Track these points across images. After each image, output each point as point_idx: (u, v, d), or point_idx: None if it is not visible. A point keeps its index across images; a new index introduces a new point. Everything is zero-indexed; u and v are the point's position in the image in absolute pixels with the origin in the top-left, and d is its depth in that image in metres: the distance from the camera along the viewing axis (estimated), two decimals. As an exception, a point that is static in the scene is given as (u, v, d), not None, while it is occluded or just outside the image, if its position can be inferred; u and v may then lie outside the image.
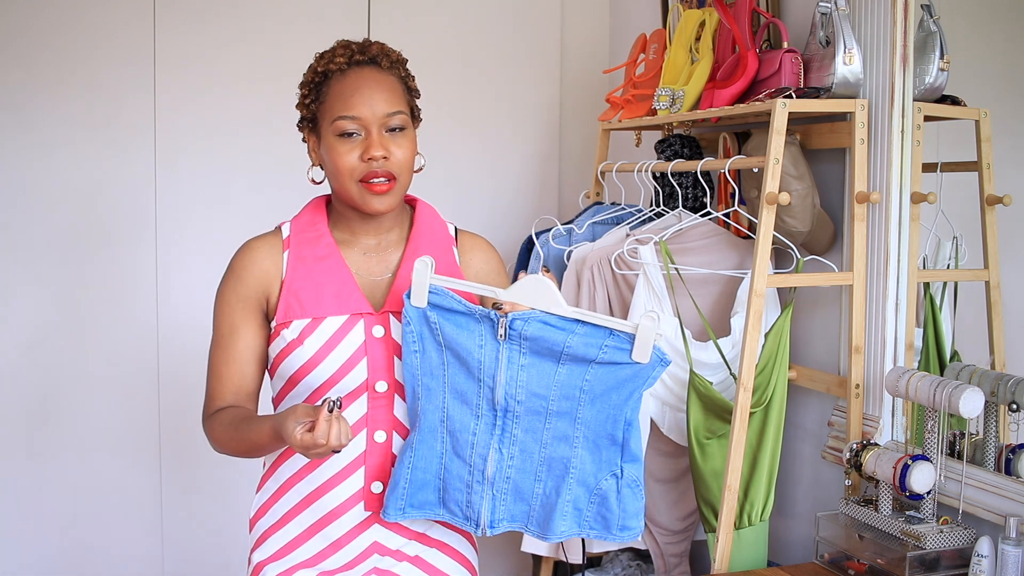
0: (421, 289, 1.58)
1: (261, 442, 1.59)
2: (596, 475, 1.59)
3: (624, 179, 2.77)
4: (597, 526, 1.60)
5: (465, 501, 1.60)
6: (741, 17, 2.32)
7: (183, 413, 2.90)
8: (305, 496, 1.67)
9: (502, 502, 1.60)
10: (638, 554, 2.74)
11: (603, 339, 1.55)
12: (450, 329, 1.58)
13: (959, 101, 2.08)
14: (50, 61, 2.76)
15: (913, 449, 2.02)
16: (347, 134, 1.62)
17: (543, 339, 1.56)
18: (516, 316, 1.55)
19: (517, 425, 1.59)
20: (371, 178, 1.62)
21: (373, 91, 1.63)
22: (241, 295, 1.67)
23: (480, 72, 3.18)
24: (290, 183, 2.92)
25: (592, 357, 1.55)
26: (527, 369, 1.57)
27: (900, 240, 2.09)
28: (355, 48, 1.67)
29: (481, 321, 1.58)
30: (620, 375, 1.56)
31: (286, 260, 1.68)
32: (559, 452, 1.59)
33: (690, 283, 2.35)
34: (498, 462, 1.59)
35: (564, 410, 1.58)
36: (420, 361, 1.60)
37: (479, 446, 1.59)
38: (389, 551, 1.68)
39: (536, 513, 1.61)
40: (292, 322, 1.64)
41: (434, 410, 1.60)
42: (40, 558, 2.84)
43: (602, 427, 1.58)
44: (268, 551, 1.70)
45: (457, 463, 1.60)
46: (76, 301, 2.84)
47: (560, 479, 1.59)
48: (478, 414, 1.59)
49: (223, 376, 1.67)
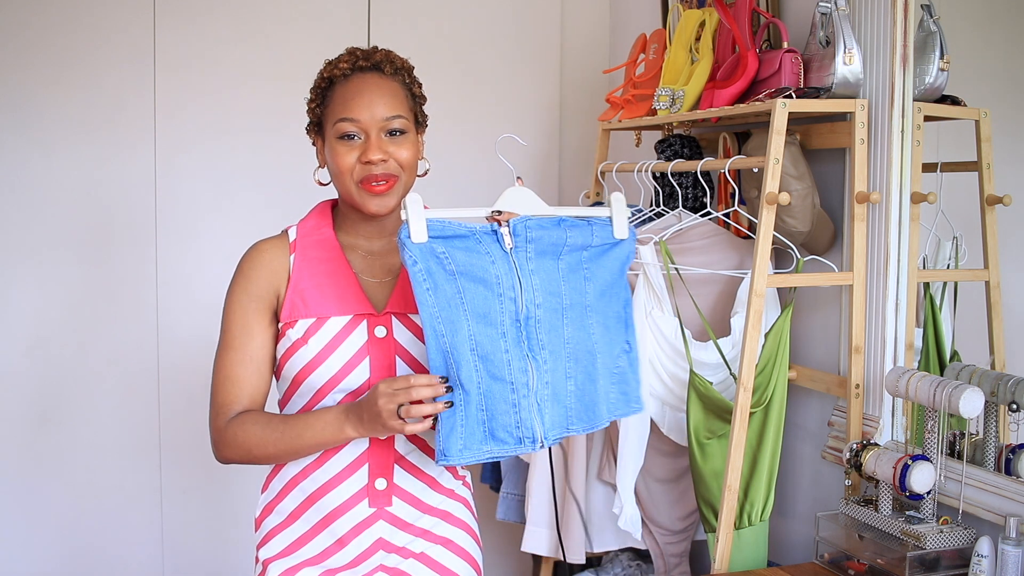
0: (419, 224, 1.55)
1: (320, 436, 1.59)
2: (614, 355, 1.67)
3: (624, 179, 2.77)
4: (621, 405, 1.69)
5: (514, 423, 1.56)
6: (741, 17, 2.32)
7: (183, 413, 2.90)
8: (310, 494, 1.68)
9: (546, 411, 1.59)
10: (638, 554, 2.74)
11: (589, 226, 1.66)
12: (460, 255, 1.56)
13: (959, 101, 2.08)
14: (50, 61, 2.76)
15: (913, 449, 2.02)
16: (347, 136, 1.65)
17: (545, 237, 1.62)
18: (516, 221, 1.60)
19: (540, 329, 1.60)
20: (370, 180, 1.64)
21: (373, 95, 1.66)
22: (253, 295, 1.68)
23: (480, 72, 3.18)
24: (290, 183, 2.93)
25: (588, 243, 1.65)
26: (536, 273, 1.61)
27: (900, 240, 2.09)
28: (360, 55, 1.70)
29: (483, 239, 1.59)
30: (610, 254, 1.68)
31: (293, 261, 1.69)
32: (581, 343, 1.63)
33: (690, 283, 2.35)
34: (537, 370, 1.58)
35: (575, 302, 1.64)
36: (435, 298, 1.55)
37: (515, 361, 1.57)
38: (395, 548, 1.69)
39: (574, 410, 1.63)
40: (297, 321, 1.66)
41: (463, 341, 1.55)
42: (40, 558, 2.84)
43: (609, 307, 1.67)
44: (275, 549, 1.70)
45: (497, 386, 1.56)
46: (76, 301, 2.84)
47: (590, 367, 1.64)
48: (503, 331, 1.57)
49: (239, 378, 1.67)
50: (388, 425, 1.52)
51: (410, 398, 1.50)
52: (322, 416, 1.60)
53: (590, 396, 1.64)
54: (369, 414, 1.53)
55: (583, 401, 1.63)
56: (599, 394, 1.65)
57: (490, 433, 1.56)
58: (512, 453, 1.59)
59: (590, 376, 1.64)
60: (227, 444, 1.66)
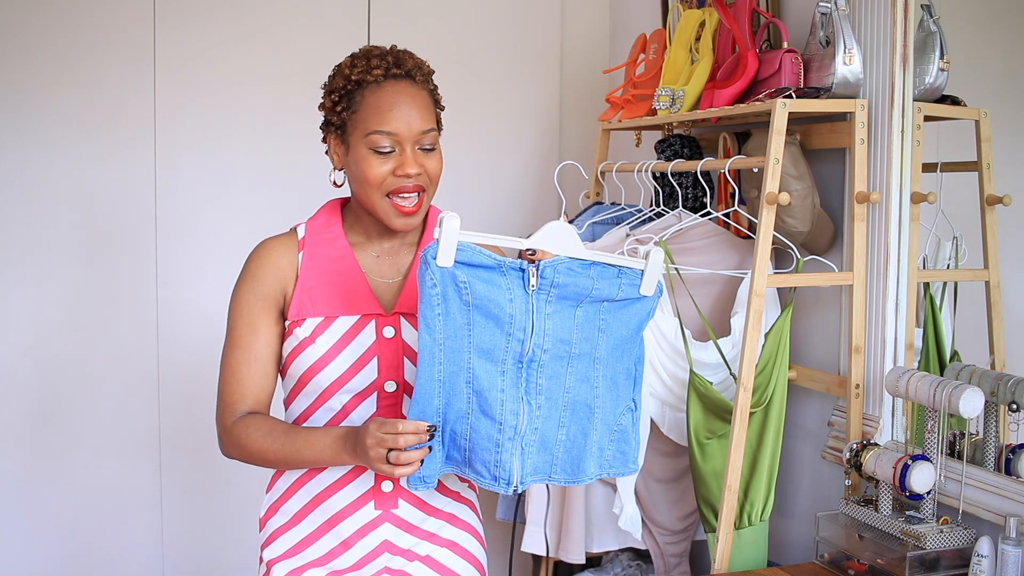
0: (449, 248, 1.50)
1: (318, 455, 1.59)
2: (616, 412, 1.63)
3: (624, 179, 2.76)
4: (617, 463, 1.64)
5: (494, 461, 1.55)
6: (741, 17, 2.32)
7: (183, 413, 2.90)
8: (315, 495, 1.68)
9: (529, 455, 1.57)
10: (638, 554, 2.74)
11: (617, 278, 1.59)
12: (480, 287, 1.53)
13: (959, 101, 2.08)
14: (50, 61, 2.76)
15: (913, 449, 2.02)
16: (381, 149, 1.62)
17: (572, 284, 1.57)
18: (547, 264, 1.55)
19: (541, 374, 1.57)
20: (401, 192, 1.63)
21: (410, 107, 1.62)
22: (259, 293, 1.67)
23: (480, 72, 3.18)
24: (290, 182, 2.93)
25: (612, 296, 1.59)
26: (552, 317, 1.57)
27: (900, 240, 2.09)
28: (391, 60, 1.65)
29: (508, 274, 1.55)
30: (630, 310, 1.61)
31: (301, 260, 1.68)
32: (581, 395, 1.60)
33: (690, 283, 2.35)
34: (528, 415, 1.56)
35: (585, 352, 1.60)
36: (443, 324, 1.53)
37: (508, 402, 1.56)
38: (400, 550, 1.69)
39: (560, 460, 1.60)
40: (305, 320, 1.65)
41: (459, 372, 1.55)
42: (40, 557, 2.84)
43: (619, 363, 1.62)
44: (279, 549, 1.70)
45: (485, 423, 1.55)
46: (76, 301, 2.84)
47: (585, 421, 1.60)
48: (503, 370, 1.56)
49: (244, 377, 1.66)
50: (377, 468, 1.52)
51: (398, 445, 1.49)
52: (322, 437, 1.60)
53: (579, 449, 1.61)
54: (360, 447, 1.53)
55: (571, 453, 1.61)
56: (589, 448, 1.61)
57: (468, 463, 1.57)
58: (486, 488, 1.59)
59: (583, 430, 1.61)
60: (231, 443, 1.66)
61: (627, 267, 1.60)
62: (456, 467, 1.59)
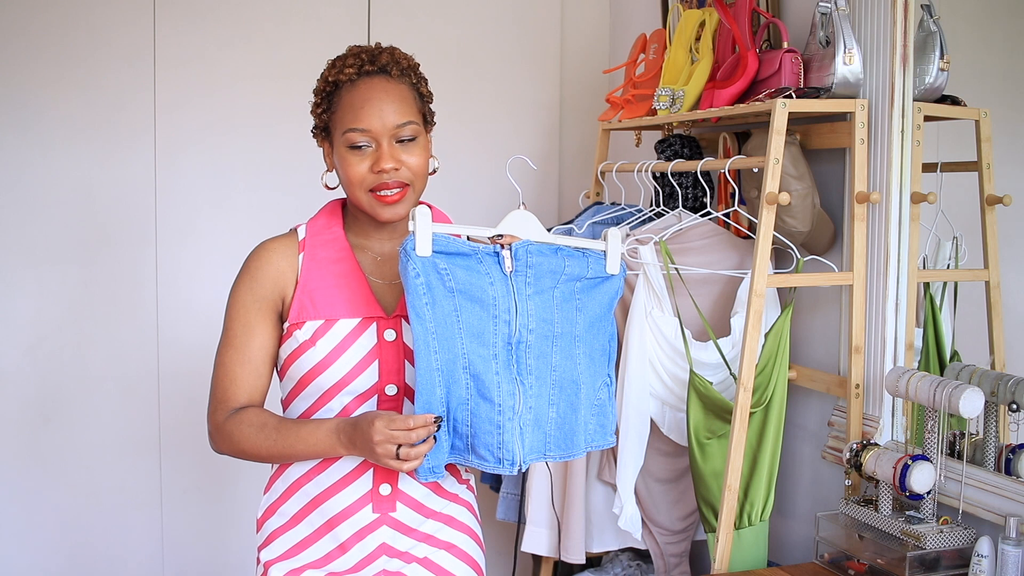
0: (425, 237, 1.56)
1: (312, 450, 1.60)
2: (595, 387, 1.69)
3: (624, 179, 2.76)
4: (598, 436, 1.71)
5: (496, 443, 1.59)
6: (741, 17, 2.32)
7: (183, 413, 2.90)
8: (314, 497, 1.67)
9: (526, 435, 1.61)
10: (638, 554, 2.74)
11: (584, 257, 1.69)
12: (461, 273, 1.59)
13: (959, 101, 2.08)
14: (50, 61, 2.76)
15: (913, 449, 2.02)
16: (357, 146, 1.63)
17: (544, 264, 1.64)
18: (518, 245, 1.62)
19: (530, 354, 1.63)
20: (381, 189, 1.63)
21: (383, 103, 1.63)
22: (257, 295, 1.67)
23: (480, 72, 3.18)
24: (290, 183, 2.93)
25: (583, 275, 1.68)
26: (533, 298, 1.63)
27: (900, 240, 2.09)
28: (365, 57, 1.66)
29: (484, 260, 1.61)
30: (601, 288, 1.71)
31: (301, 261, 1.68)
32: (567, 372, 1.66)
33: (690, 283, 2.35)
34: (523, 395, 1.61)
35: (566, 331, 1.66)
36: (432, 311, 1.57)
37: (504, 384, 1.60)
38: (398, 552, 1.68)
39: (553, 437, 1.65)
40: (305, 323, 1.65)
41: (455, 359, 1.58)
42: (40, 558, 2.84)
43: (596, 340, 1.70)
44: (276, 551, 1.70)
45: (485, 406, 1.59)
46: (76, 301, 2.84)
47: (573, 397, 1.66)
48: (495, 353, 1.60)
49: (237, 377, 1.66)
50: (385, 463, 1.53)
51: (410, 441, 1.51)
52: (315, 431, 1.60)
53: (570, 424, 1.66)
54: (363, 443, 1.54)
55: (563, 429, 1.66)
56: (579, 423, 1.67)
57: (471, 448, 1.60)
58: (491, 471, 1.61)
59: (572, 405, 1.66)
60: (222, 439, 1.66)
61: (590, 249, 1.70)
62: (459, 455, 1.61)
